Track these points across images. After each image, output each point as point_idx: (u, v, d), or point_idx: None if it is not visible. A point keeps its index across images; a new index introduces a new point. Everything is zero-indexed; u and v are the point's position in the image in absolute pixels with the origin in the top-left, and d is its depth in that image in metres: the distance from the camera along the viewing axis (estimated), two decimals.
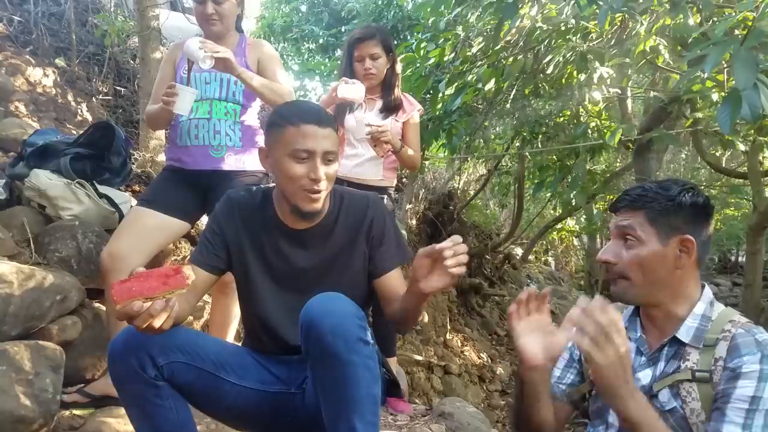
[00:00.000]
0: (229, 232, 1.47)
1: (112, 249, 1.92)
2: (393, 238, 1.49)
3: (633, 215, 1.21)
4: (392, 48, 2.56)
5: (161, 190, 2.09)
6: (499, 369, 6.12)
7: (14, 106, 3.14)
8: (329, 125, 1.36)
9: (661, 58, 3.46)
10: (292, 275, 1.47)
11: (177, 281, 1.12)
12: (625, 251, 1.21)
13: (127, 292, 1.09)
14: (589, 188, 4.76)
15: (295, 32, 6.56)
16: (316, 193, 1.34)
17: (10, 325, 1.70)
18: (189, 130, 2.07)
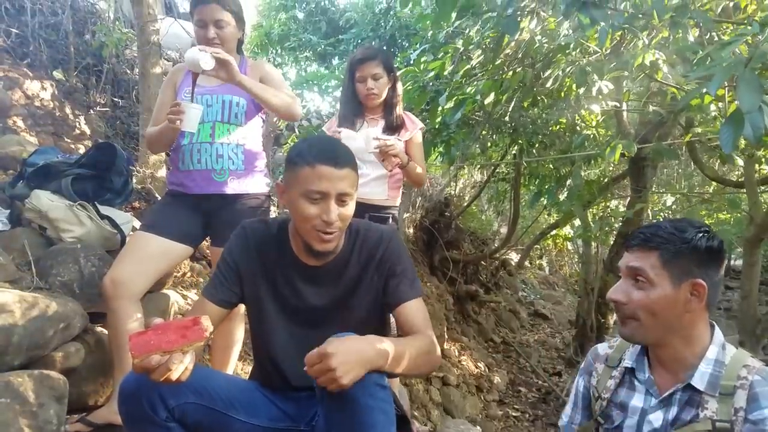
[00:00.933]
0: (244, 265, 1.47)
1: (115, 275, 1.91)
2: (407, 272, 1.48)
3: (645, 255, 1.20)
4: (393, 68, 2.57)
5: (163, 215, 2.07)
6: (497, 378, 6.10)
7: (12, 121, 3.11)
8: (347, 165, 1.33)
9: (660, 72, 3.47)
10: (304, 311, 1.47)
11: (195, 334, 1.11)
12: (635, 292, 1.21)
13: (145, 346, 1.08)
14: (585, 196, 4.78)
15: (293, 41, 6.54)
16: (328, 235, 1.34)
17: (13, 355, 1.67)
18: (191, 154, 2.05)
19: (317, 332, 1.40)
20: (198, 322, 1.13)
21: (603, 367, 1.37)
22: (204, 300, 1.45)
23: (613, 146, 3.28)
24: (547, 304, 10.62)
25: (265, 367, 1.51)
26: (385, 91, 2.52)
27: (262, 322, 1.48)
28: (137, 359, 1.08)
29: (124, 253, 1.99)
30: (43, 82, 3.48)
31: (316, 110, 4.83)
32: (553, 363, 7.38)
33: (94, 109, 3.84)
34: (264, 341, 1.49)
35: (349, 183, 1.33)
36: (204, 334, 1.12)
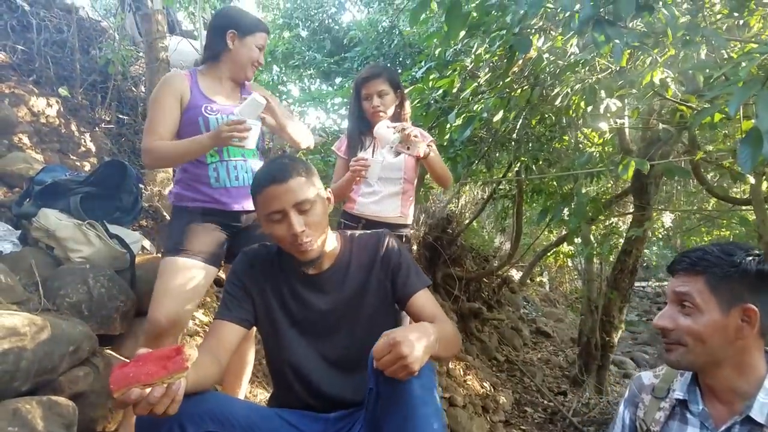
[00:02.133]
0: (251, 285, 1.49)
1: (170, 313, 1.86)
2: (411, 265, 1.53)
3: (692, 280, 1.15)
4: (400, 85, 2.56)
5: (197, 237, 1.98)
6: (502, 398, 6.01)
7: (18, 138, 3.07)
8: (289, 177, 1.37)
9: (671, 90, 3.46)
10: (313, 320, 1.48)
11: (176, 365, 1.06)
12: (681, 318, 1.16)
13: (124, 379, 1.03)
14: (589, 213, 4.75)
15: (297, 59, 6.55)
16: (303, 244, 1.37)
17: (21, 380, 1.61)
18: (228, 171, 2.03)
19: (331, 338, 1.47)
20: (180, 352, 1.08)
21: (650, 399, 1.31)
22: (221, 322, 1.44)
23: (626, 163, 3.25)
24: (549, 322, 10.54)
25: (287, 383, 1.49)
26: (392, 108, 2.50)
27: (278, 339, 1.48)
28: (117, 393, 1.03)
29: (174, 286, 1.89)
30: (48, 98, 3.45)
31: (321, 127, 4.81)
32: (558, 382, 7.29)
33: (100, 127, 3.81)
34: (283, 355, 1.48)
35: (300, 192, 1.37)
36: (185, 365, 1.07)
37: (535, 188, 6.06)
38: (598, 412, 5.71)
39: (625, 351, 10.58)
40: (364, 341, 1.37)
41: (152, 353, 1.08)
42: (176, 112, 1.98)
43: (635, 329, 13.03)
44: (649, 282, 18.60)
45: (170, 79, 2.03)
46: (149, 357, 1.07)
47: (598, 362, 6.86)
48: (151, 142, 1.92)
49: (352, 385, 1.45)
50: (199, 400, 1.24)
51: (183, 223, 2.00)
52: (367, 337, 1.38)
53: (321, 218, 1.41)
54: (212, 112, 2.01)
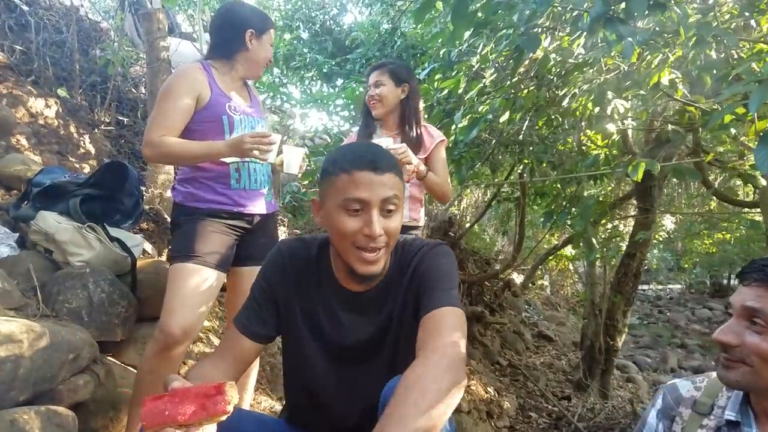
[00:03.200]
0: (280, 291, 1.29)
1: (184, 323, 1.78)
2: (443, 281, 1.20)
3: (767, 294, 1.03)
4: (406, 79, 2.45)
5: (209, 241, 1.90)
6: (506, 403, 5.94)
7: (16, 139, 3.00)
8: (389, 170, 1.15)
9: (680, 91, 3.41)
10: (347, 346, 1.27)
11: (217, 408, 0.96)
12: (749, 335, 1.04)
13: (159, 416, 0.94)
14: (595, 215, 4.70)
15: (298, 61, 6.49)
16: (372, 252, 1.15)
17: (18, 390, 1.54)
18: (249, 173, 1.98)
19: (361, 368, 1.27)
20: (222, 391, 0.96)
21: (690, 413, 1.19)
22: (238, 335, 1.27)
23: (636, 164, 3.20)
24: (551, 326, 10.49)
25: (301, 405, 1.36)
26: (391, 99, 2.42)
27: (299, 356, 1.31)
28: (149, 430, 0.94)
29: (186, 294, 1.82)
30: (47, 99, 3.39)
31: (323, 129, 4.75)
32: (561, 386, 7.23)
33: (99, 128, 3.74)
34: (300, 376, 1.32)
35: (392, 188, 1.15)
36: (226, 408, 0.96)
37: (538, 191, 6.00)
38: (603, 417, 5.65)
39: (627, 354, 10.53)
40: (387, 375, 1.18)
41: (190, 390, 0.97)
42: (189, 107, 1.87)
43: (637, 332, 12.98)
44: (650, 285, 18.58)
45: (187, 72, 1.92)
46: (187, 394, 0.96)
47: (602, 366, 6.80)
48: (157, 135, 1.82)
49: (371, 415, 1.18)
50: None
51: (194, 226, 1.90)
52: (394, 373, 1.17)
53: (398, 230, 1.19)
54: (236, 112, 1.95)
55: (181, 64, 4.79)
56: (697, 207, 8.23)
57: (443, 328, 1.09)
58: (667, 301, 17.76)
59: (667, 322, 14.89)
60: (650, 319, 15.37)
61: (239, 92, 2.03)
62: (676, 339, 12.77)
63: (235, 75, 2.01)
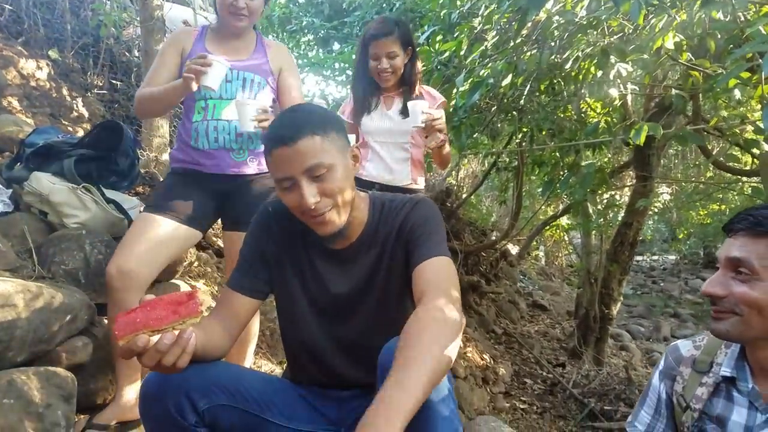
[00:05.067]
0: (269, 250, 1.32)
1: (120, 263, 1.71)
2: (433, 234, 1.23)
3: (752, 243, 1.03)
4: (411, 42, 2.37)
5: (172, 195, 1.89)
6: (502, 370, 6.00)
7: (7, 101, 2.92)
8: (301, 136, 1.13)
9: (685, 55, 3.35)
10: (330, 301, 1.31)
11: (189, 309, 0.95)
12: (736, 285, 1.04)
13: (131, 325, 0.93)
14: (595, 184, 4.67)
15: (294, 24, 6.34)
16: (318, 217, 1.17)
17: (15, 350, 1.52)
18: (207, 131, 1.89)
19: (346, 322, 1.30)
20: (193, 297, 0.97)
21: (690, 372, 1.19)
22: (230, 291, 1.29)
23: (639, 128, 3.16)
24: (546, 295, 10.57)
25: (300, 361, 1.36)
26: (401, 68, 2.34)
27: (293, 313, 1.33)
28: (122, 340, 0.92)
29: (129, 238, 1.78)
30: (38, 61, 3.30)
31: (320, 94, 4.67)
32: (556, 354, 7.31)
33: (92, 92, 3.66)
34: (297, 332, 1.34)
35: (312, 155, 1.13)
36: (198, 309, 0.97)
37: (536, 160, 5.95)
38: (598, 384, 5.71)
39: (620, 324, 10.64)
40: (379, 327, 1.24)
41: (161, 298, 0.97)
42: (173, 64, 1.91)
43: (630, 302, 13.10)
44: (643, 256, 18.69)
45: (176, 32, 2.01)
46: (158, 302, 0.96)
47: (597, 334, 6.87)
48: (140, 89, 1.87)
49: (366, 369, 1.26)
50: (208, 369, 1.13)
51: (165, 183, 1.95)
52: (383, 322, 1.25)
53: (341, 183, 1.17)
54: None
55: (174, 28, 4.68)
56: (693, 177, 8.21)
57: (434, 277, 1.13)
58: (661, 272, 17.91)
59: (660, 292, 15.03)
60: (644, 289, 15.50)
61: (232, 48, 1.96)
62: (669, 308, 12.90)
63: (226, 31, 1.95)
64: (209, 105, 1.89)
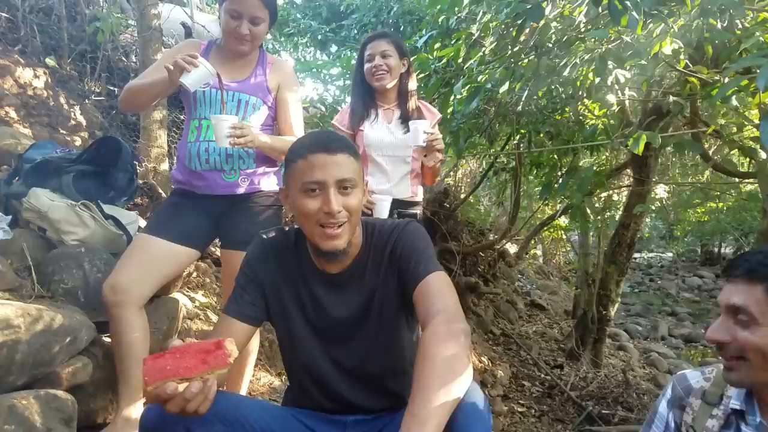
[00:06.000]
0: (265, 278, 1.34)
1: (115, 281, 1.77)
2: (422, 253, 1.29)
3: (750, 289, 1.05)
4: (406, 52, 2.44)
5: (168, 216, 1.94)
6: (500, 372, 6.01)
7: (4, 111, 2.91)
8: (342, 150, 1.22)
9: (683, 62, 3.36)
10: (329, 326, 1.33)
11: (218, 360, 0.98)
12: (738, 330, 1.06)
13: (161, 372, 0.94)
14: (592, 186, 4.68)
15: (292, 27, 6.33)
16: (332, 228, 1.21)
17: (16, 374, 1.52)
18: (199, 153, 1.91)
19: (346, 347, 1.33)
20: (221, 346, 1.00)
21: (700, 404, 1.22)
22: (227, 318, 1.31)
23: (637, 137, 3.16)
24: (543, 294, 10.58)
25: (304, 385, 1.37)
26: (396, 73, 2.38)
27: (294, 338, 1.36)
28: (151, 386, 0.94)
29: (126, 258, 1.84)
30: (35, 69, 3.28)
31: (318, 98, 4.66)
32: (554, 355, 7.31)
33: (90, 99, 3.64)
34: (298, 357, 1.36)
35: (347, 169, 1.22)
36: (227, 360, 0.99)
37: (534, 161, 5.96)
38: (596, 387, 5.73)
39: (618, 322, 10.67)
40: (379, 352, 1.29)
41: (190, 346, 0.99)
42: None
43: (628, 300, 13.14)
44: (641, 253, 18.74)
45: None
46: (187, 349, 0.99)
47: (595, 335, 6.87)
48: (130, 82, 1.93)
49: (369, 394, 1.34)
50: None
51: (165, 203, 2.01)
52: (382, 347, 1.30)
53: (359, 205, 1.25)
54: (205, 85, 1.91)
55: (172, 31, 4.67)
56: (690, 176, 8.22)
57: (435, 294, 1.20)
58: (658, 269, 17.96)
59: (657, 290, 15.07)
60: (641, 287, 15.55)
61: (234, 67, 1.97)
62: (667, 307, 12.94)
63: (228, 50, 1.96)
64: (202, 125, 1.91)
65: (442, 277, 1.24)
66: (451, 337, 1.07)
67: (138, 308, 1.80)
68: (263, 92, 1.98)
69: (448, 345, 1.06)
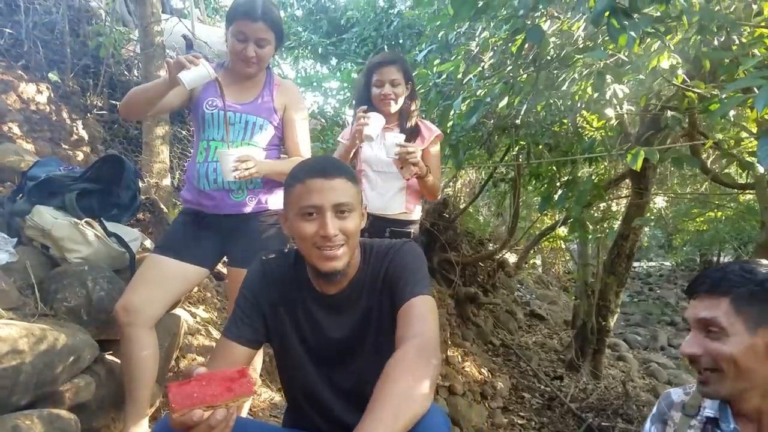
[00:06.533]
0: (264, 300, 1.36)
1: (127, 301, 1.80)
2: (413, 273, 1.31)
3: (715, 303, 1.11)
4: (411, 77, 2.51)
5: (178, 236, 1.98)
6: (500, 384, 6.01)
7: (8, 127, 2.94)
8: (339, 175, 1.26)
9: (680, 77, 3.39)
10: (326, 346, 1.36)
11: (243, 388, 1.00)
12: (710, 342, 1.12)
13: (188, 399, 0.97)
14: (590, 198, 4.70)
15: (293, 40, 6.37)
16: (329, 250, 1.24)
17: (20, 394, 1.53)
18: (207, 173, 1.94)
19: (343, 368, 1.35)
20: (245, 374, 1.03)
21: (680, 416, 1.27)
22: (227, 341, 1.33)
23: (635, 153, 3.19)
24: (543, 304, 10.57)
25: (301, 407, 1.39)
26: (402, 99, 2.44)
27: (291, 359, 1.38)
28: (178, 413, 0.96)
29: (137, 278, 1.88)
30: (38, 84, 3.31)
31: (319, 110, 4.68)
32: (554, 366, 7.31)
33: (92, 113, 3.67)
34: (296, 379, 1.39)
35: (344, 193, 1.25)
36: (252, 388, 1.02)
37: (533, 172, 6.00)
38: (596, 398, 5.73)
39: (617, 333, 10.66)
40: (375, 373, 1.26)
41: (215, 374, 1.02)
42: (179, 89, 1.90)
43: (627, 310, 13.12)
44: (640, 262, 18.73)
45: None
46: (213, 377, 1.01)
47: (594, 346, 6.87)
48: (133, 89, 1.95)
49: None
50: None
51: (174, 222, 2.05)
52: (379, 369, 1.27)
53: (356, 228, 1.28)
54: (211, 107, 1.95)
55: (174, 44, 4.70)
56: (689, 186, 8.24)
57: (415, 317, 1.22)
58: (657, 278, 17.96)
59: (657, 299, 15.08)
60: (640, 296, 15.55)
61: (239, 89, 1.99)
62: (666, 316, 12.93)
63: (235, 72, 1.99)
64: (210, 146, 1.94)
65: (428, 302, 1.26)
66: (418, 364, 1.09)
67: (149, 328, 1.84)
68: (270, 113, 2.00)
69: (414, 371, 1.08)
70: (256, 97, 2.00)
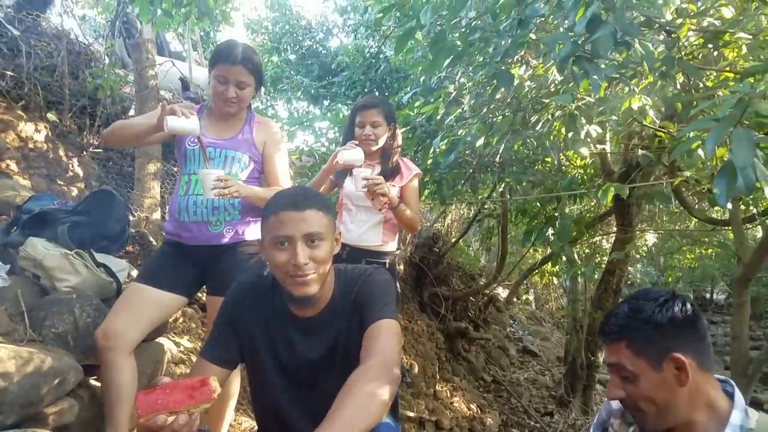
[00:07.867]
0: (240, 321, 1.45)
1: (106, 327, 1.90)
2: (381, 298, 1.41)
3: (617, 349, 1.18)
4: (394, 119, 2.67)
5: (158, 266, 2.10)
6: (489, 420, 6.01)
7: (5, 164, 3.08)
8: (311, 207, 1.34)
9: (649, 117, 3.57)
10: (300, 368, 1.44)
11: (203, 395, 1.11)
12: (626, 385, 1.19)
13: (152, 405, 1.07)
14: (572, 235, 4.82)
15: (285, 83, 6.61)
16: (301, 277, 1.32)
17: (5, 414, 1.62)
18: (187, 206, 2.06)
19: (316, 387, 1.42)
20: (206, 383, 1.13)
21: (619, 423, 1.35)
22: (203, 362, 1.42)
23: (605, 189, 3.34)
24: (536, 340, 10.54)
25: (269, 427, 1.47)
26: (383, 138, 2.59)
27: (264, 381, 1.46)
28: (143, 419, 1.07)
29: (117, 305, 1.99)
30: (37, 124, 3.47)
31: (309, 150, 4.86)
32: (545, 402, 7.30)
33: (88, 151, 3.83)
34: (266, 398, 1.46)
35: (314, 223, 1.33)
36: (212, 396, 1.12)
37: (519, 208, 6.15)
38: None
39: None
40: None
41: (179, 383, 1.12)
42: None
43: None
44: None
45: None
46: (176, 386, 1.11)
47: (584, 382, 6.87)
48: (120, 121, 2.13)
49: None
50: None
51: (155, 253, 2.18)
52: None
53: (327, 256, 1.36)
54: (193, 144, 2.09)
55: (170, 86, 4.90)
56: (678, 223, 8.37)
57: (378, 338, 1.30)
58: None
59: None
60: None
61: (221, 126, 2.14)
62: None
63: (217, 111, 2.13)
64: (191, 180, 2.07)
65: (392, 325, 1.35)
66: (379, 379, 1.18)
67: (128, 353, 1.92)
68: (249, 147, 2.14)
69: (373, 385, 1.16)
70: (236, 133, 2.14)
